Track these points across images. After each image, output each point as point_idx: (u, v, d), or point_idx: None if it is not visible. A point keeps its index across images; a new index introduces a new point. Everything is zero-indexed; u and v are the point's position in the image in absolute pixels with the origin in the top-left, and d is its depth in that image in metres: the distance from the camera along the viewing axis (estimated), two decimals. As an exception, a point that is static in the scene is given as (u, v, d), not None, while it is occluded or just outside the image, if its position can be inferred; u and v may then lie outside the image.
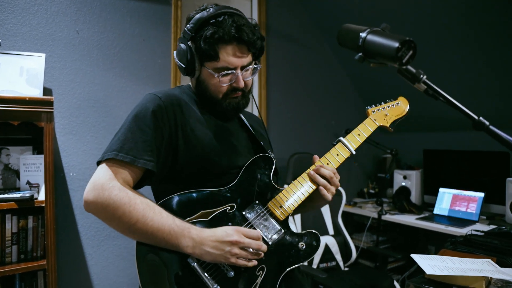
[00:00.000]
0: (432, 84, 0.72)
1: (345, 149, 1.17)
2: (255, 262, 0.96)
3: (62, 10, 2.12)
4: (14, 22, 2.00)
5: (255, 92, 3.00)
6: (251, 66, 1.08)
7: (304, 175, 1.13)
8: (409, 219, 2.63)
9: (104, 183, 0.90)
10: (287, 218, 1.07)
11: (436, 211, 2.73)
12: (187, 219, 0.96)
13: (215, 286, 0.93)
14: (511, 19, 2.17)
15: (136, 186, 1.01)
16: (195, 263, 0.92)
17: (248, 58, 1.06)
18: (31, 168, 1.86)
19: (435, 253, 1.35)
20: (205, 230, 0.93)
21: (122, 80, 2.30)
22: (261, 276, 0.98)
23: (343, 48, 0.83)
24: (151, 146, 0.96)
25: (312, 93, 3.27)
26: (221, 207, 1.01)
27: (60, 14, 2.11)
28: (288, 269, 1.02)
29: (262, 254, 0.97)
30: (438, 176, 2.95)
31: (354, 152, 1.17)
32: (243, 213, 1.03)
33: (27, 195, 1.72)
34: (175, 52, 1.11)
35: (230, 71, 1.04)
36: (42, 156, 1.78)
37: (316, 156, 1.16)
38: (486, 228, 2.17)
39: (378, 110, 1.30)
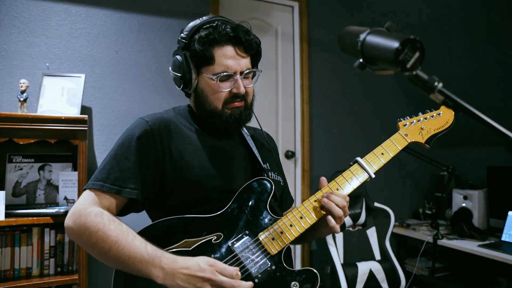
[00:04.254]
0: (450, 94, 0.57)
1: (363, 172, 1.00)
2: None
3: (103, 32, 2.21)
4: (60, 47, 2.12)
5: (297, 106, 2.89)
6: (250, 72, 1.04)
7: (308, 203, 0.98)
8: (469, 246, 2.31)
9: (82, 209, 0.88)
10: (280, 252, 0.94)
11: (505, 237, 2.36)
12: (168, 248, 0.89)
13: None
14: None
15: (121, 213, 0.98)
16: None
17: (247, 62, 1.02)
18: (68, 184, 1.93)
19: (507, 287, 1.12)
20: (178, 260, 0.83)
21: (159, 96, 2.34)
22: None
23: (346, 54, 0.71)
24: (135, 173, 0.94)
25: (360, 106, 3.06)
26: (207, 236, 0.92)
27: (101, 36, 2.21)
28: None
29: None
30: (507, 197, 2.56)
31: (373, 176, 1.00)
32: (229, 244, 0.92)
33: (62, 210, 1.78)
34: (170, 67, 1.07)
35: (228, 73, 0.99)
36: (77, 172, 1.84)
37: (323, 179, 1.02)
38: None
39: (412, 123, 1.10)
